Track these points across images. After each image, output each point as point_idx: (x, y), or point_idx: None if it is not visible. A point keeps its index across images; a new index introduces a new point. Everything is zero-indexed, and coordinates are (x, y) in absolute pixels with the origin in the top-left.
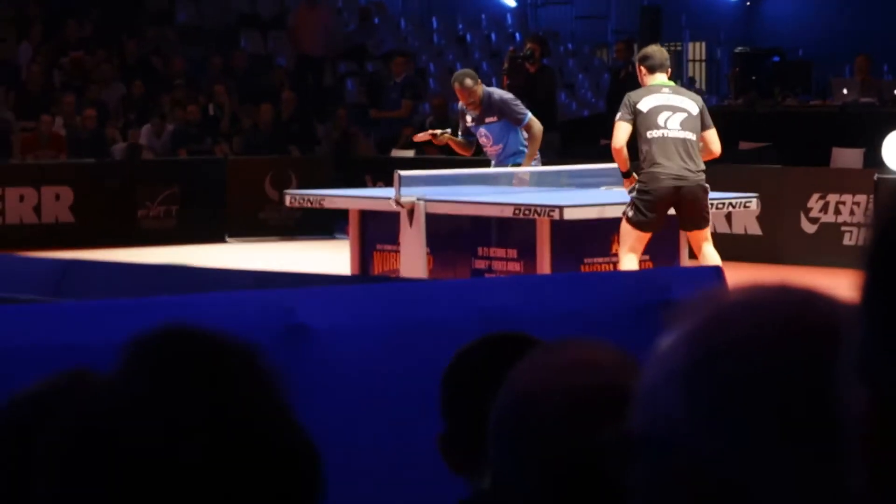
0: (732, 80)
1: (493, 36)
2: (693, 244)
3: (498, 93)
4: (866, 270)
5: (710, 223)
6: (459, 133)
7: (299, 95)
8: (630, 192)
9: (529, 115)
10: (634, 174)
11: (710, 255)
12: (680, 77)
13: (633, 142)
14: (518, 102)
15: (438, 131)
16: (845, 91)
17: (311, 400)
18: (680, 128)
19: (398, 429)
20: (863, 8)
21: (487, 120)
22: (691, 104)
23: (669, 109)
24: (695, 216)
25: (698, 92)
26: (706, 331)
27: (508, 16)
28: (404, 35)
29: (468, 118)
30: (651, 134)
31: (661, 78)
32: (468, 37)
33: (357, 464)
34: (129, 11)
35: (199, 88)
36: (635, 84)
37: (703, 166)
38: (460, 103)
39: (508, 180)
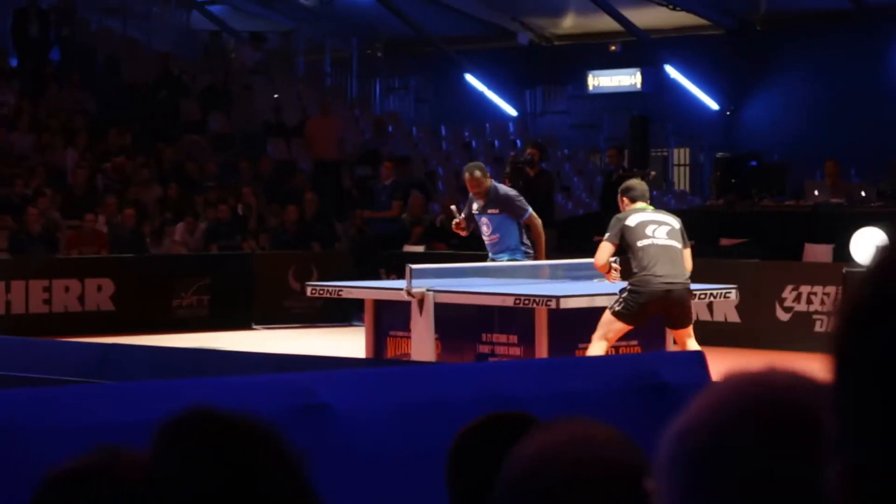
0: (714, 182)
1: (496, 142)
2: (678, 340)
3: (503, 188)
4: (834, 355)
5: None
6: (462, 215)
7: (320, 197)
8: (622, 291)
9: (530, 211)
10: (613, 266)
11: (693, 347)
12: (665, 179)
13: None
14: (521, 199)
15: (458, 217)
16: (816, 192)
17: (331, 473)
18: (666, 237)
19: (409, 501)
20: (831, 117)
21: (490, 211)
22: (673, 220)
23: (655, 223)
24: (682, 317)
25: (682, 194)
26: (692, 412)
27: (510, 124)
28: (415, 141)
29: (475, 206)
30: (641, 243)
31: (642, 205)
32: (473, 143)
33: None
34: (165, 121)
35: (230, 190)
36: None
37: (687, 273)
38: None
39: (509, 273)
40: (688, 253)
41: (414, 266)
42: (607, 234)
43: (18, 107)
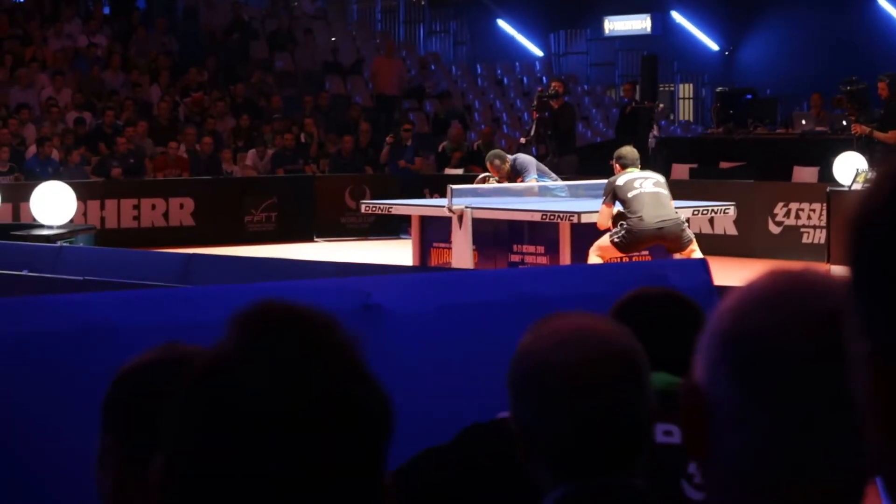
0: (714, 113)
1: (524, 79)
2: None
3: (521, 159)
4: (861, 237)
5: (693, 239)
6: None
7: (373, 126)
8: (621, 225)
9: (534, 176)
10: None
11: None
12: (672, 111)
13: None
14: (534, 167)
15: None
16: (804, 122)
17: (383, 366)
18: (653, 186)
19: (449, 387)
20: (818, 56)
21: (528, 179)
22: (659, 176)
23: (641, 178)
24: (679, 244)
25: (687, 123)
26: (730, 306)
27: (537, 63)
28: (454, 78)
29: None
30: (631, 194)
31: (632, 170)
32: (505, 80)
33: (417, 419)
34: (237, 61)
35: (293, 121)
36: (638, 117)
37: (674, 210)
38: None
39: (536, 193)
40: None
41: (454, 186)
42: (603, 199)
43: (110, 49)
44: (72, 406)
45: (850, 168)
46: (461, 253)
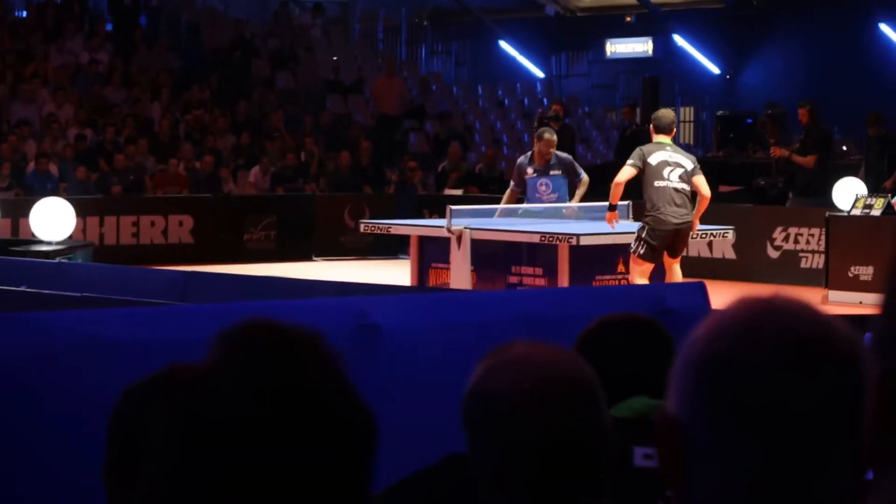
0: (715, 136)
1: (525, 100)
2: (668, 266)
3: (562, 153)
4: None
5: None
6: (512, 183)
7: (374, 146)
8: (640, 231)
9: (584, 173)
10: (618, 213)
11: (678, 272)
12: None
13: (632, 184)
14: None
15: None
16: None
17: (381, 385)
18: (678, 180)
19: (445, 407)
20: (816, 81)
21: (553, 172)
22: (687, 161)
23: (671, 165)
24: (681, 248)
25: (687, 146)
26: (701, 334)
27: (538, 85)
28: (456, 99)
29: (529, 170)
30: (658, 184)
31: (664, 138)
32: (506, 101)
33: (413, 437)
34: (239, 79)
35: (294, 139)
36: (639, 140)
37: (690, 210)
38: (523, 158)
39: (535, 214)
40: (699, 180)
41: (453, 206)
42: (630, 160)
43: (112, 65)
44: (71, 420)
45: (849, 193)
46: (459, 274)
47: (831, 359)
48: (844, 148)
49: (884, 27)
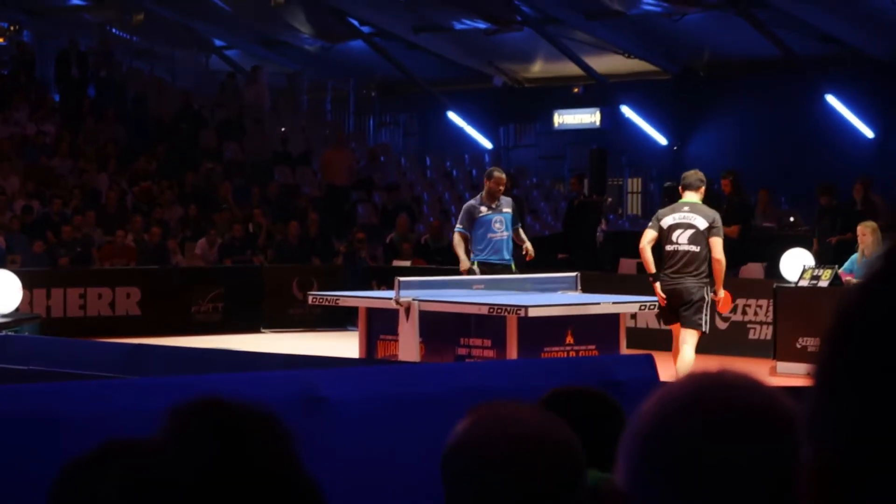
0: (662, 207)
1: (474, 171)
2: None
3: (505, 196)
4: (827, 351)
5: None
6: (461, 227)
7: (321, 217)
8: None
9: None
10: (655, 280)
11: (683, 347)
12: (621, 205)
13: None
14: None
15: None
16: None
17: (328, 456)
18: (688, 243)
19: (395, 479)
20: (764, 152)
21: (505, 210)
22: (703, 221)
23: (682, 227)
24: (685, 311)
25: (635, 218)
26: (648, 408)
27: (486, 155)
28: (404, 170)
29: (483, 209)
30: (668, 248)
31: (691, 195)
32: (454, 172)
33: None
34: (186, 150)
35: (242, 210)
36: (587, 210)
37: (703, 271)
38: (473, 201)
39: (482, 285)
40: (714, 242)
41: (401, 278)
42: (649, 223)
43: (59, 136)
44: (14, 496)
45: (797, 264)
46: (408, 345)
47: (772, 428)
48: (792, 219)
49: (830, 98)
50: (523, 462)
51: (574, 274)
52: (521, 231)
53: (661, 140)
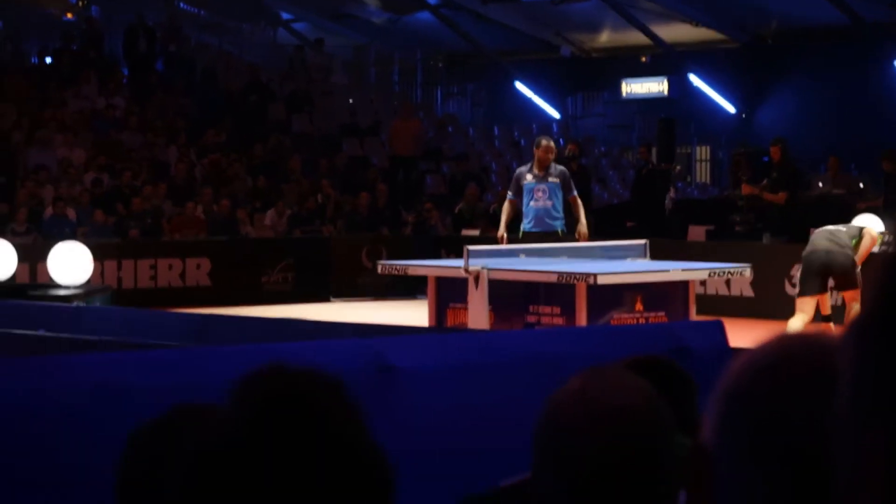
0: (731, 175)
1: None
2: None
3: (559, 165)
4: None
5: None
6: (510, 193)
7: (390, 187)
8: None
9: (575, 190)
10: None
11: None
12: (689, 173)
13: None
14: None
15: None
16: (821, 184)
17: (398, 426)
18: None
19: (465, 447)
20: (833, 119)
21: (550, 179)
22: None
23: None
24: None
25: (703, 185)
26: (735, 367)
27: (554, 125)
28: (472, 140)
29: (528, 176)
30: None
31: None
32: (522, 141)
33: (430, 478)
34: (255, 122)
35: (311, 182)
36: (655, 179)
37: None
38: (523, 168)
39: (552, 253)
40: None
41: (471, 247)
42: None
43: (128, 110)
44: (85, 466)
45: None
46: (477, 314)
47: None
48: (862, 185)
49: None
50: (602, 429)
51: (643, 241)
52: (579, 205)
53: (730, 108)
